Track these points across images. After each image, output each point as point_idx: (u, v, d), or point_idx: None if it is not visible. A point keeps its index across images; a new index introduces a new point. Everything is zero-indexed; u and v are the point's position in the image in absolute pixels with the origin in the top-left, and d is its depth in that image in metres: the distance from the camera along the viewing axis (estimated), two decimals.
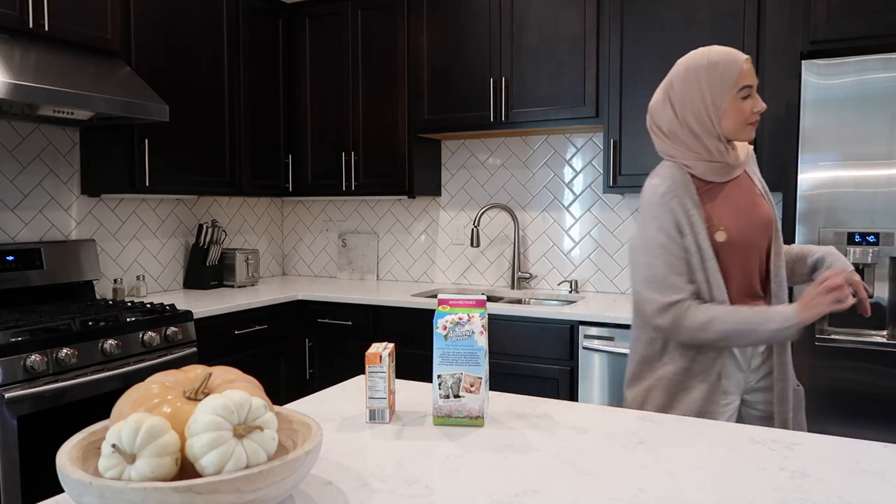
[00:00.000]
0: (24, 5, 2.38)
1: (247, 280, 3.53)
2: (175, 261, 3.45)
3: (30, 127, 2.80)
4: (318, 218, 4.07)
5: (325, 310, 3.28)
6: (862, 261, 2.18)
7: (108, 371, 2.32)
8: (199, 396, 0.92)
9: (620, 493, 0.98)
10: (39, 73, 2.31)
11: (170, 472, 0.82)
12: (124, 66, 2.72)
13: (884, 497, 0.96)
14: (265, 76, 3.51)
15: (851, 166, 2.20)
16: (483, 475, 1.04)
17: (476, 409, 1.28)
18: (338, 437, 1.22)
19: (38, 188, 2.84)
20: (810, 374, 2.25)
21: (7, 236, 2.73)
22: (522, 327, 2.78)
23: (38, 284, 2.70)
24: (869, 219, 2.18)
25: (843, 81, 2.20)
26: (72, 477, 0.78)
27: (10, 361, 2.07)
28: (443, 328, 1.27)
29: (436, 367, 1.27)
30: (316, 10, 3.57)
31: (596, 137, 3.27)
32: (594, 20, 2.90)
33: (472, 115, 3.18)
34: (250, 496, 0.80)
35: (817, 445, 1.16)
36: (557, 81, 2.99)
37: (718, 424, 1.28)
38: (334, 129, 3.56)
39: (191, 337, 2.66)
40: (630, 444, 1.18)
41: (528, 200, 3.45)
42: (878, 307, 2.21)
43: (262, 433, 0.86)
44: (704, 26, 2.69)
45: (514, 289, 3.42)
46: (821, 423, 2.24)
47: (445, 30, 3.23)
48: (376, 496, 0.97)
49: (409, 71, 3.33)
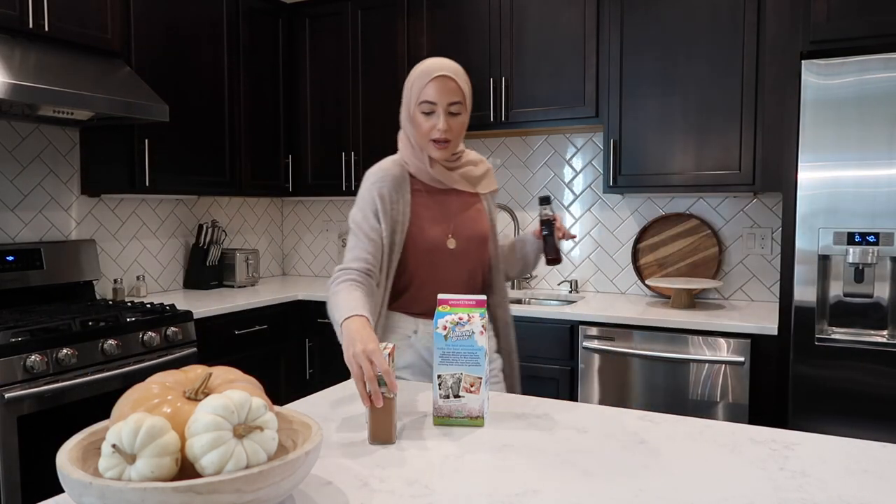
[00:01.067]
0: (24, 5, 2.38)
1: (247, 280, 3.53)
2: (175, 261, 3.45)
3: (30, 127, 2.80)
4: (318, 218, 4.07)
5: (325, 310, 3.26)
6: (862, 261, 2.18)
7: (108, 371, 2.32)
8: (199, 396, 0.92)
9: (620, 493, 0.98)
10: (39, 74, 2.31)
11: (170, 472, 0.82)
12: (124, 66, 2.72)
13: (884, 497, 0.96)
14: (265, 76, 3.51)
15: (851, 166, 2.20)
16: (483, 475, 1.04)
17: (476, 409, 1.28)
18: (338, 437, 1.22)
19: (38, 188, 2.84)
20: (810, 374, 2.25)
21: (7, 236, 2.73)
22: (522, 327, 2.78)
23: (38, 284, 2.70)
24: (869, 219, 2.18)
25: (844, 81, 2.20)
26: (72, 477, 0.78)
27: (10, 361, 2.07)
28: (443, 328, 1.27)
29: (436, 367, 1.27)
30: (316, 11, 3.57)
31: (596, 137, 3.27)
32: (594, 20, 2.90)
33: (473, 115, 3.17)
34: (250, 496, 0.80)
35: (817, 445, 1.16)
36: (557, 81, 2.99)
37: (718, 424, 1.28)
38: (334, 129, 3.56)
39: (191, 337, 2.66)
40: (630, 444, 1.18)
41: (529, 200, 3.45)
42: (878, 307, 2.21)
43: (262, 433, 0.86)
44: (704, 26, 2.69)
45: (514, 289, 3.42)
46: (821, 423, 2.24)
47: (445, 30, 3.23)
48: (376, 496, 0.97)
49: (409, 71, 3.33)
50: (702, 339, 2.48)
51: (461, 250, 1.64)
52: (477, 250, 1.67)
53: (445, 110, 1.54)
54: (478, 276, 1.70)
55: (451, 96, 1.54)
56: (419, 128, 1.57)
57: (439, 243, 1.62)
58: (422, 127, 1.56)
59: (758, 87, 2.61)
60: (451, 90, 1.54)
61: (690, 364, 2.50)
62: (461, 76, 1.57)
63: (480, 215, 1.69)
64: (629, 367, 2.60)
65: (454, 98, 1.55)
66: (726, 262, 3.03)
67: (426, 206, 1.63)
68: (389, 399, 1.18)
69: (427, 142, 1.58)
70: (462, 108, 1.57)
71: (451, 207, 1.65)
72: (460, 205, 1.67)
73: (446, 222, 1.63)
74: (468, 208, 1.67)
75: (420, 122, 1.56)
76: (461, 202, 1.67)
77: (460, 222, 1.65)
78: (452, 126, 1.56)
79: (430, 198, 1.64)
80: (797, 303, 2.28)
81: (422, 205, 1.63)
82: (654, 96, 2.78)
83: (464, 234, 1.64)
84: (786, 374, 2.34)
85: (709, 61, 2.68)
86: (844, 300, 2.25)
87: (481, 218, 1.69)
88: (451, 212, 1.65)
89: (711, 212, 3.05)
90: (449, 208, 1.65)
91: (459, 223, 1.65)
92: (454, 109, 1.55)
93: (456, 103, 1.55)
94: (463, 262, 1.65)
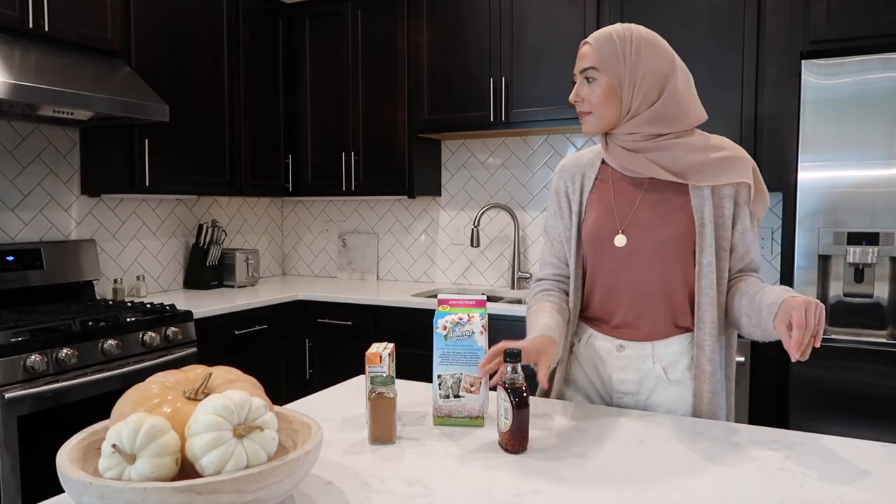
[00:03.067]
0: (24, 5, 2.38)
1: (247, 280, 3.53)
2: (175, 261, 3.45)
3: (30, 127, 2.80)
4: (318, 218, 4.07)
5: (325, 310, 3.28)
6: (862, 261, 2.18)
7: (108, 371, 2.32)
8: (199, 396, 0.92)
9: (620, 493, 0.98)
10: (39, 73, 2.31)
11: (170, 472, 0.82)
12: (124, 66, 2.72)
13: (884, 497, 0.96)
14: (265, 76, 3.51)
15: (851, 166, 2.20)
16: (483, 475, 1.04)
17: (476, 409, 1.28)
18: (338, 437, 1.22)
19: (38, 188, 2.84)
20: (810, 374, 2.25)
21: (7, 236, 2.73)
22: (522, 327, 2.77)
23: (38, 284, 2.70)
24: (869, 219, 2.18)
25: (843, 81, 2.20)
26: (72, 477, 0.78)
27: (10, 361, 2.07)
28: (443, 328, 1.27)
29: (436, 367, 1.27)
30: (316, 10, 3.57)
31: (596, 137, 3.26)
32: (594, 20, 2.90)
33: (472, 115, 3.18)
34: (250, 496, 0.80)
35: (817, 445, 1.16)
36: (557, 81, 2.99)
37: (718, 424, 1.28)
38: (334, 129, 3.56)
39: (191, 337, 2.66)
40: (630, 444, 1.18)
41: (528, 200, 3.45)
42: (878, 307, 2.21)
43: (262, 433, 0.86)
44: (704, 26, 2.69)
45: (514, 289, 3.42)
46: (821, 423, 2.24)
47: (445, 30, 3.23)
48: (376, 496, 0.97)
49: (408, 71, 3.33)
50: None
51: (633, 252, 1.36)
52: (658, 257, 1.35)
53: (580, 77, 1.37)
54: (675, 295, 1.36)
55: (583, 62, 1.36)
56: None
57: (604, 239, 1.38)
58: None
59: (758, 87, 2.61)
60: (583, 55, 1.37)
61: None
62: (599, 40, 1.34)
63: (678, 212, 1.35)
64: None
65: (585, 64, 1.35)
66: None
67: (602, 195, 1.41)
68: (390, 399, 1.18)
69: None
70: (598, 74, 1.34)
71: (634, 199, 1.38)
72: (652, 198, 1.37)
73: (620, 215, 1.38)
74: (663, 203, 1.36)
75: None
76: (657, 194, 1.37)
77: (638, 217, 1.36)
78: (584, 94, 1.36)
79: (612, 186, 1.41)
80: None
81: (598, 194, 1.42)
82: None
83: (639, 232, 1.36)
84: (786, 374, 2.34)
85: (709, 61, 2.68)
86: (844, 300, 2.25)
87: (678, 216, 1.35)
88: (629, 203, 1.38)
89: None
90: (630, 199, 1.38)
91: (636, 218, 1.37)
92: (589, 74, 1.35)
93: (590, 69, 1.35)
94: (636, 269, 1.37)
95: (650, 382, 1.40)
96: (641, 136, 1.35)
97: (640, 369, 1.40)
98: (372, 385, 1.18)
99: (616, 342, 1.41)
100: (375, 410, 1.18)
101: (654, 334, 1.38)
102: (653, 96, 1.33)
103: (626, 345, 1.40)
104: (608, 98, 1.34)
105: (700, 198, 1.34)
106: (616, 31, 1.34)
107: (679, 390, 1.38)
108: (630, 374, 1.40)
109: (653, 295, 1.37)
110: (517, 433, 1.14)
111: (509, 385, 1.15)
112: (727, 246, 1.36)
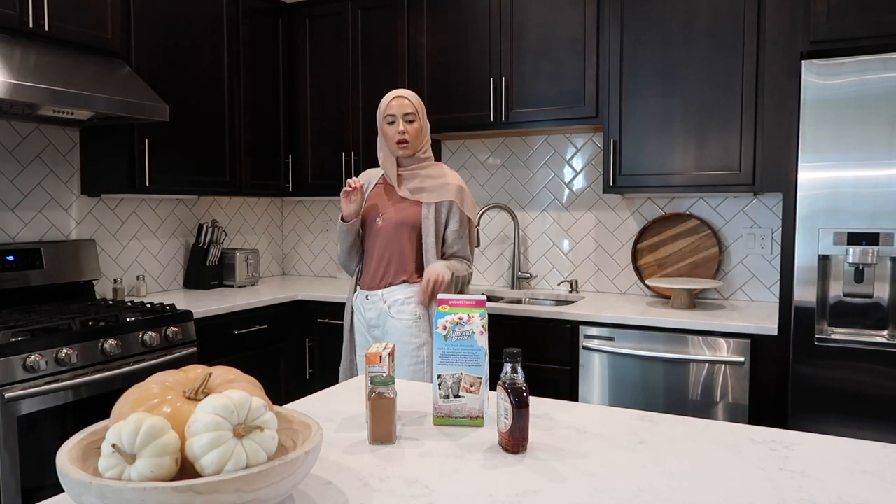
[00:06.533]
0: (24, 5, 2.38)
1: (247, 280, 3.53)
2: (175, 261, 3.45)
3: (30, 127, 2.80)
4: (318, 218, 4.07)
5: (325, 310, 3.28)
6: (862, 261, 2.18)
7: (108, 371, 2.32)
8: (199, 396, 0.92)
9: (620, 493, 0.98)
10: (39, 73, 2.31)
11: (170, 472, 0.82)
12: (124, 66, 2.72)
13: (883, 497, 0.96)
14: (265, 76, 3.51)
15: (851, 166, 2.20)
16: (483, 475, 1.04)
17: (476, 409, 1.28)
18: (338, 437, 1.22)
19: (38, 188, 2.84)
20: (810, 374, 2.25)
21: (7, 236, 2.73)
22: (522, 327, 2.78)
23: (38, 284, 2.70)
24: (869, 219, 2.18)
25: (843, 81, 2.20)
26: (72, 477, 0.78)
27: (10, 361, 2.07)
28: (443, 328, 1.27)
29: (436, 367, 1.27)
30: (316, 10, 3.57)
31: (596, 137, 3.27)
32: (594, 20, 2.90)
33: (472, 115, 3.18)
34: (250, 496, 0.80)
35: (817, 445, 1.16)
36: (557, 81, 2.99)
37: (718, 424, 1.28)
38: (334, 129, 3.56)
39: (191, 337, 2.66)
40: (630, 444, 1.18)
41: (528, 200, 3.45)
42: (878, 307, 2.21)
43: (262, 433, 0.86)
44: (704, 26, 2.69)
45: (514, 289, 3.42)
46: (821, 423, 2.25)
47: (445, 30, 3.23)
48: (376, 496, 0.97)
49: (409, 71, 3.33)
50: (702, 339, 2.48)
51: (386, 229, 2.27)
52: (399, 234, 2.25)
53: (403, 119, 2.24)
54: (407, 257, 2.26)
55: (405, 109, 2.24)
56: (386, 135, 2.27)
57: (371, 220, 2.30)
58: (388, 133, 2.26)
59: (758, 87, 2.61)
60: (404, 105, 2.24)
61: (690, 364, 2.50)
62: (413, 96, 2.27)
63: (412, 210, 2.26)
64: (629, 368, 2.60)
65: (407, 110, 2.24)
66: (726, 262, 3.03)
67: (377, 194, 2.34)
68: (389, 399, 1.18)
69: (394, 144, 2.26)
70: (416, 118, 2.24)
71: (393, 199, 2.30)
72: (401, 199, 2.29)
73: (383, 207, 2.29)
74: (404, 202, 2.28)
75: (387, 130, 2.26)
76: (402, 198, 2.29)
77: (393, 210, 2.27)
78: (409, 130, 2.25)
79: (381, 189, 2.35)
80: (797, 303, 2.28)
81: (375, 193, 2.35)
82: (654, 96, 2.78)
83: (392, 218, 2.26)
84: (786, 375, 2.34)
85: (709, 61, 2.68)
86: (844, 300, 2.25)
87: (412, 212, 2.26)
88: (389, 201, 2.30)
89: (711, 212, 3.05)
90: (390, 198, 2.30)
91: (392, 210, 2.27)
92: (409, 118, 2.24)
93: (410, 114, 2.24)
94: (387, 241, 2.27)
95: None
96: (415, 159, 2.35)
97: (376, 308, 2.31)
98: (372, 385, 1.18)
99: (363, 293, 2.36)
100: (375, 410, 1.18)
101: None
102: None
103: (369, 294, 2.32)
104: (419, 133, 2.32)
105: (435, 209, 2.28)
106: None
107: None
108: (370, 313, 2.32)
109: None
110: (517, 433, 1.14)
111: (509, 385, 1.15)
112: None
